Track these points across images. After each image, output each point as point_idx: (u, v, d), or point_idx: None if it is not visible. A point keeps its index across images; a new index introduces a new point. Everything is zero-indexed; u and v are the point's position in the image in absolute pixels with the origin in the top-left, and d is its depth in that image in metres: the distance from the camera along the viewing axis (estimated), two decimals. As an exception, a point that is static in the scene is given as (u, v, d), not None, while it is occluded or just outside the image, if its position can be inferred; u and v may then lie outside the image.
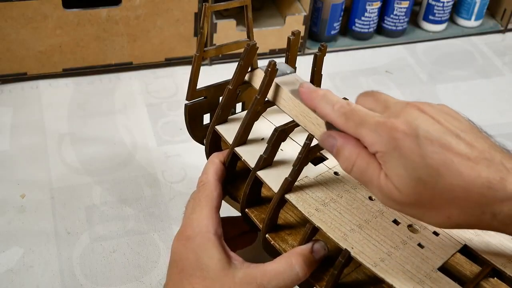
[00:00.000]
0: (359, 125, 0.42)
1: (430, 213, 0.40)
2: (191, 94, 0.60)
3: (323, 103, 0.45)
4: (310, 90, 0.47)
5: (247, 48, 0.54)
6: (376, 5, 1.05)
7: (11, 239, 0.69)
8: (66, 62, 0.93)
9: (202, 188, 0.54)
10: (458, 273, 0.48)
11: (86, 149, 0.82)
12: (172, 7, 0.92)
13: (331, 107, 0.44)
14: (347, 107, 0.43)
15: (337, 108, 0.44)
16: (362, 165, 0.42)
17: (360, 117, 0.42)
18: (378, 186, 0.41)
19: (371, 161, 0.42)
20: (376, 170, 0.41)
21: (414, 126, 0.39)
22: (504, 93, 1.01)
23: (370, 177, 0.42)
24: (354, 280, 0.50)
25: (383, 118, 0.41)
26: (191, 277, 0.49)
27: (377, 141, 0.40)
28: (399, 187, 0.40)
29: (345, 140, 0.43)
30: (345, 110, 0.43)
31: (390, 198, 0.41)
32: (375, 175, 0.41)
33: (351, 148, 0.43)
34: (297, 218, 0.55)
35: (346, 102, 0.44)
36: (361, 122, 0.42)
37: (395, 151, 0.39)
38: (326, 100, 0.45)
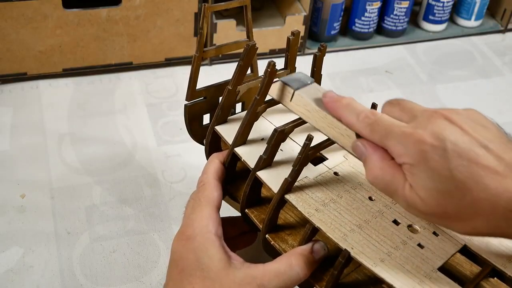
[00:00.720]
0: (385, 136, 0.42)
1: (455, 223, 0.41)
2: (191, 94, 0.60)
3: (347, 113, 0.45)
4: (333, 100, 0.46)
5: (246, 48, 0.54)
6: (376, 5, 1.05)
7: (11, 239, 0.69)
8: (66, 62, 0.93)
9: (202, 188, 0.54)
10: (458, 273, 0.48)
11: (86, 149, 0.82)
12: (172, 7, 0.92)
13: (356, 117, 0.44)
14: (372, 117, 0.43)
15: (362, 118, 0.44)
16: (387, 176, 0.42)
17: (386, 128, 0.42)
18: (403, 197, 0.41)
19: (396, 172, 0.42)
20: (401, 181, 0.41)
21: (442, 138, 0.39)
22: (504, 93, 1.01)
23: (395, 188, 0.42)
24: (354, 280, 0.50)
25: (410, 129, 0.41)
26: (191, 277, 0.49)
27: (404, 153, 0.40)
28: (424, 199, 0.40)
29: (373, 151, 0.43)
30: (370, 121, 0.43)
31: (415, 208, 0.41)
32: (400, 186, 0.41)
33: (377, 158, 0.43)
34: (297, 218, 0.55)
35: (371, 112, 0.44)
36: (386, 133, 0.42)
37: (422, 164, 0.39)
38: (351, 109, 0.45)
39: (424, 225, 0.49)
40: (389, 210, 0.50)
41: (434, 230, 0.49)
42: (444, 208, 0.39)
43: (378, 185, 0.43)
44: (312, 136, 0.46)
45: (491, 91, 1.01)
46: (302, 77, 0.51)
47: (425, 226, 0.49)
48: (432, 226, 0.49)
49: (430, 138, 0.39)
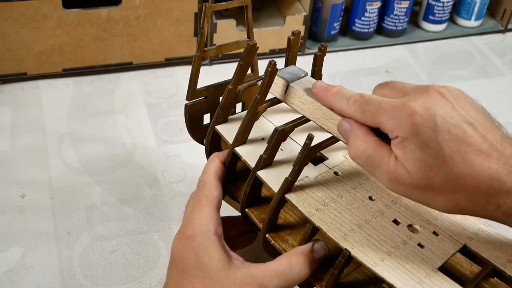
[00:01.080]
0: (376, 114, 0.42)
1: (437, 198, 0.41)
2: (191, 94, 0.60)
3: (338, 100, 0.46)
4: (323, 89, 0.47)
5: (247, 48, 0.54)
6: (376, 5, 1.05)
7: (11, 239, 0.69)
8: (66, 62, 0.93)
9: (202, 188, 0.54)
10: (458, 273, 0.48)
11: (86, 149, 0.82)
12: (172, 7, 0.92)
13: (346, 103, 0.45)
14: (361, 99, 0.44)
15: (352, 102, 0.44)
16: (369, 149, 0.43)
17: (375, 105, 0.43)
18: (387, 170, 0.42)
19: (380, 146, 0.42)
20: (386, 155, 0.42)
21: (432, 112, 0.40)
22: (504, 93, 1.01)
23: (379, 162, 0.42)
24: (354, 280, 0.50)
25: (400, 102, 0.41)
26: (191, 277, 0.49)
27: (396, 127, 0.41)
28: (411, 171, 0.40)
29: (357, 126, 0.44)
30: (360, 103, 0.44)
31: (399, 181, 0.41)
32: (384, 160, 0.42)
33: (360, 133, 0.43)
34: (297, 218, 0.55)
35: (359, 95, 0.44)
36: (377, 110, 0.42)
37: (413, 136, 0.40)
38: (340, 96, 0.46)
39: (424, 225, 0.49)
40: (389, 210, 0.50)
41: (434, 230, 0.49)
42: (430, 180, 0.40)
43: (360, 158, 0.44)
44: (312, 136, 0.46)
45: (491, 91, 1.01)
46: (296, 70, 0.52)
47: (425, 226, 0.49)
48: (432, 226, 0.49)
49: (421, 111, 0.40)
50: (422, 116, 0.40)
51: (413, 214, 0.50)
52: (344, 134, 0.45)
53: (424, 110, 0.40)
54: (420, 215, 0.50)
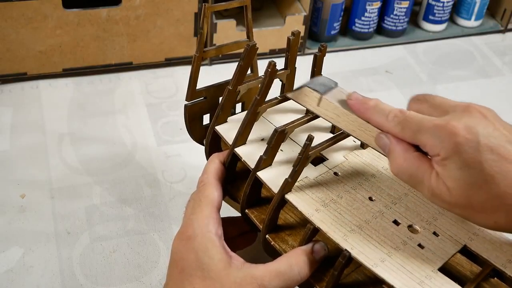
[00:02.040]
0: (417, 132, 0.43)
1: (478, 215, 0.42)
2: (191, 94, 0.60)
3: (375, 114, 0.46)
4: (359, 102, 0.47)
5: (247, 49, 0.54)
6: (376, 5, 1.05)
7: (11, 239, 0.69)
8: (66, 62, 0.93)
9: (202, 188, 0.54)
10: (458, 273, 0.48)
11: (86, 149, 0.82)
12: (172, 7, 0.92)
13: (385, 118, 0.45)
14: (401, 115, 0.44)
15: (391, 118, 0.44)
16: (412, 167, 0.43)
17: (417, 123, 0.43)
18: (429, 187, 0.42)
19: (421, 163, 0.43)
20: (427, 171, 0.42)
21: (475, 132, 0.40)
22: (504, 93, 1.01)
23: (421, 178, 0.43)
24: (354, 281, 0.50)
25: (442, 121, 0.41)
26: (191, 277, 0.49)
27: (437, 145, 0.41)
28: (451, 189, 0.41)
29: (397, 142, 0.44)
30: (400, 119, 0.44)
31: (440, 198, 0.42)
32: (426, 176, 0.42)
33: (401, 149, 0.44)
34: (297, 218, 0.55)
35: (400, 110, 0.44)
36: (418, 128, 0.42)
37: (455, 156, 0.40)
38: (378, 110, 0.45)
39: (424, 226, 0.49)
40: (389, 211, 0.50)
41: (434, 230, 0.49)
42: (470, 199, 0.40)
43: (403, 175, 0.44)
44: (312, 137, 0.46)
45: (491, 91, 1.01)
46: (327, 81, 0.51)
47: (425, 227, 0.49)
48: (433, 226, 0.49)
49: (464, 131, 0.40)
50: (465, 136, 0.40)
51: (413, 214, 0.50)
52: (384, 148, 0.45)
53: (467, 129, 0.40)
54: (420, 216, 0.50)
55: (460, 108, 0.42)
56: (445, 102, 0.44)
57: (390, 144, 0.44)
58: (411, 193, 0.52)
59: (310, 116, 0.55)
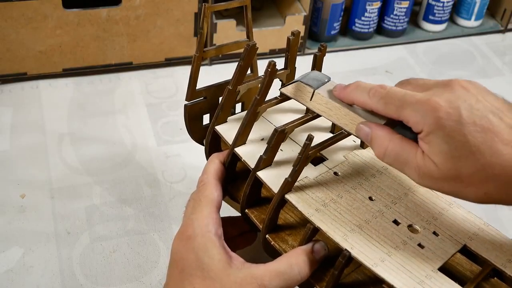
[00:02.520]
0: (400, 107, 0.43)
1: (467, 189, 0.42)
2: (191, 94, 0.60)
3: (358, 94, 0.46)
4: (342, 88, 0.48)
5: (247, 49, 0.54)
6: (376, 5, 1.05)
7: (11, 239, 0.69)
8: (66, 62, 0.93)
9: (202, 188, 0.54)
10: (458, 273, 0.48)
11: (86, 149, 0.82)
12: (172, 7, 0.92)
13: (367, 95, 0.45)
14: (382, 90, 0.45)
15: (373, 93, 0.45)
16: (396, 148, 0.43)
17: (399, 98, 0.43)
18: (416, 165, 0.43)
19: (405, 143, 0.43)
20: (412, 150, 0.43)
21: (457, 105, 0.40)
22: (504, 93, 1.00)
23: (406, 158, 0.43)
24: (354, 281, 0.50)
25: (424, 96, 0.42)
26: (191, 277, 0.49)
27: (421, 121, 0.42)
28: (439, 163, 0.41)
29: (378, 127, 0.44)
30: (382, 94, 0.44)
31: (428, 175, 0.42)
32: (412, 155, 0.43)
33: (383, 134, 0.44)
34: (297, 218, 0.55)
35: (380, 86, 0.45)
36: (401, 103, 0.43)
37: (438, 130, 0.41)
38: (360, 89, 0.46)
39: (424, 225, 0.49)
40: (389, 210, 0.50)
41: (434, 230, 0.49)
42: (458, 172, 0.41)
43: (388, 157, 0.44)
44: (312, 136, 0.46)
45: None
46: (319, 75, 0.52)
47: (425, 226, 0.49)
48: (432, 226, 0.49)
49: (446, 105, 0.41)
50: (447, 110, 0.40)
51: (413, 214, 0.50)
52: (366, 137, 0.46)
53: (449, 103, 0.41)
54: (420, 215, 0.50)
55: (441, 84, 0.43)
56: (427, 81, 0.45)
57: (371, 130, 0.45)
58: (411, 192, 0.52)
59: (309, 116, 0.55)
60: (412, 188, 0.53)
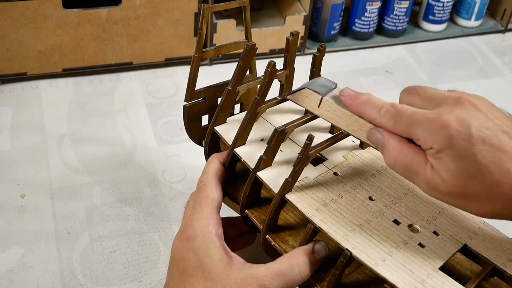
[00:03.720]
0: (410, 126, 0.43)
1: (474, 204, 0.42)
2: (190, 95, 0.60)
3: (368, 109, 0.46)
4: (351, 97, 0.47)
5: (246, 49, 0.54)
6: (376, 5, 1.05)
7: (11, 239, 0.69)
8: (66, 62, 0.93)
9: (202, 189, 0.54)
10: (458, 272, 0.48)
11: (86, 149, 0.82)
12: (172, 7, 0.92)
13: (377, 112, 0.45)
14: (393, 110, 0.44)
15: (384, 112, 0.45)
16: (406, 159, 0.43)
17: (409, 117, 0.43)
18: (424, 178, 0.43)
19: (416, 154, 0.43)
20: (422, 163, 0.43)
21: (467, 124, 0.40)
22: (504, 93, 1.01)
23: (416, 170, 0.43)
24: (355, 281, 0.50)
25: (434, 114, 0.42)
26: (192, 278, 0.49)
27: (430, 139, 0.41)
28: (446, 180, 0.41)
29: (390, 135, 0.44)
30: (392, 114, 0.44)
31: (436, 189, 0.42)
32: (421, 168, 0.43)
33: (395, 142, 0.44)
34: (297, 218, 0.55)
35: (391, 105, 0.45)
36: (411, 122, 0.43)
37: (448, 149, 0.41)
38: (371, 105, 0.46)
39: (425, 225, 0.49)
40: (390, 210, 0.50)
41: (435, 230, 0.49)
42: (465, 189, 0.41)
43: (398, 168, 0.44)
44: (312, 136, 0.46)
45: (491, 91, 1.01)
46: (326, 82, 0.51)
47: (426, 226, 0.49)
48: (433, 226, 0.49)
49: (456, 124, 0.40)
50: (457, 128, 0.40)
51: (413, 214, 0.50)
52: (377, 143, 0.45)
53: (459, 122, 0.40)
54: (420, 215, 0.50)
55: (451, 100, 0.43)
56: (437, 93, 0.44)
57: (383, 138, 0.45)
58: (411, 192, 0.52)
59: (309, 116, 0.55)
60: (412, 188, 0.53)
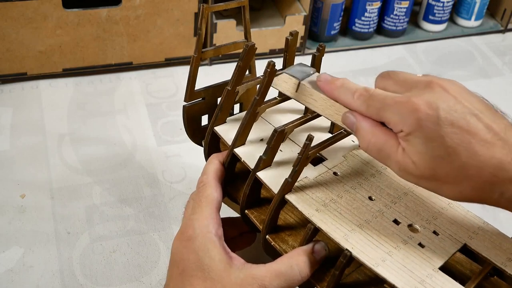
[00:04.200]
0: (381, 109, 0.44)
1: (443, 187, 0.43)
2: (190, 95, 0.60)
3: (342, 93, 0.47)
4: (327, 81, 0.49)
5: (245, 49, 0.54)
6: (376, 5, 1.05)
7: (11, 239, 0.69)
8: (66, 62, 0.93)
9: (202, 189, 0.54)
10: (458, 272, 0.48)
11: (86, 149, 0.82)
12: (172, 7, 0.92)
13: (351, 96, 0.46)
14: (366, 94, 0.45)
15: (357, 96, 0.46)
16: (379, 141, 0.44)
17: (380, 101, 0.44)
18: (396, 161, 0.44)
19: (388, 138, 0.44)
20: (394, 146, 0.44)
21: (435, 107, 0.41)
22: (504, 93, 1.01)
23: (388, 153, 0.44)
24: (355, 281, 0.50)
25: (404, 98, 0.43)
26: (192, 278, 0.49)
27: (400, 122, 0.42)
28: (416, 162, 0.42)
29: (363, 118, 0.45)
30: (365, 97, 0.45)
31: (407, 171, 0.43)
32: (393, 151, 0.44)
33: (368, 126, 0.45)
34: (297, 219, 0.55)
35: (365, 89, 0.46)
36: (382, 106, 0.44)
37: (418, 131, 0.41)
38: (345, 89, 0.47)
39: (424, 225, 0.49)
40: (389, 210, 0.50)
41: (434, 229, 0.49)
42: (435, 171, 0.42)
43: (372, 151, 0.45)
44: (312, 136, 0.46)
45: (491, 91, 1.01)
46: (304, 67, 0.53)
47: (425, 226, 0.49)
48: (432, 225, 0.49)
49: (425, 107, 0.41)
50: (425, 111, 0.41)
51: (413, 214, 0.50)
52: (351, 126, 0.46)
53: (427, 105, 0.41)
54: (420, 215, 0.50)
55: (422, 84, 0.43)
56: (409, 77, 0.45)
57: (357, 121, 0.46)
58: (411, 192, 0.52)
59: (309, 116, 0.55)
60: (412, 188, 0.53)
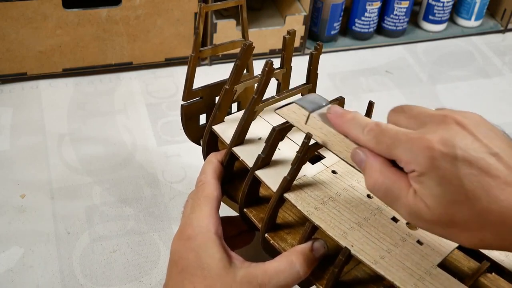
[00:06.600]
0: (392, 145, 0.40)
1: (462, 234, 0.39)
2: (187, 94, 0.60)
3: (352, 128, 0.43)
4: (337, 115, 0.45)
5: (243, 48, 0.54)
6: (376, 5, 1.05)
7: (11, 239, 0.69)
8: (66, 62, 0.93)
9: (201, 188, 0.54)
10: (456, 269, 0.48)
11: (86, 149, 0.82)
12: (172, 7, 0.92)
13: (361, 131, 0.42)
14: (376, 128, 0.41)
15: (367, 131, 0.42)
16: (388, 181, 0.40)
17: (391, 137, 0.40)
18: (406, 204, 0.39)
19: (398, 178, 0.40)
20: (404, 188, 0.40)
21: (452, 145, 0.37)
22: (504, 93, 1.01)
23: (397, 194, 0.40)
24: (354, 278, 0.50)
25: (417, 134, 0.39)
26: (192, 277, 0.49)
27: (413, 161, 0.38)
28: (431, 206, 0.38)
29: (373, 155, 0.41)
30: (375, 133, 0.41)
31: (419, 216, 0.39)
32: (403, 193, 0.40)
33: (377, 164, 0.41)
34: (295, 217, 0.55)
35: (375, 124, 0.42)
36: (393, 142, 0.40)
37: (432, 172, 0.37)
38: (355, 123, 0.43)
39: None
40: (388, 208, 0.50)
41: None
42: (452, 217, 0.38)
43: (378, 191, 0.41)
44: (310, 135, 0.46)
45: (491, 91, 1.01)
46: (317, 98, 0.49)
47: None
48: None
49: (439, 144, 0.37)
50: (440, 150, 0.37)
51: (412, 212, 0.50)
52: (360, 164, 0.42)
53: (443, 142, 0.37)
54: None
55: (436, 119, 0.39)
56: (423, 112, 0.41)
57: (366, 159, 0.42)
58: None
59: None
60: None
